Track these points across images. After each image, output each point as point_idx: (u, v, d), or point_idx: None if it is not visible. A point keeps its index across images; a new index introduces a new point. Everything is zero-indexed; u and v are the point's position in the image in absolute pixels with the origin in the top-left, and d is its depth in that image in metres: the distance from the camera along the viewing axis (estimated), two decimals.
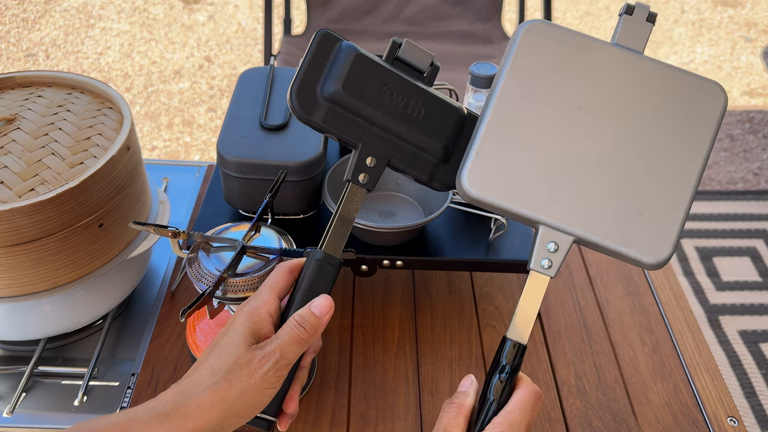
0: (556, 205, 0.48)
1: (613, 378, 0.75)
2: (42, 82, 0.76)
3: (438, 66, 0.55)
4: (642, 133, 0.49)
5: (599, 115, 0.49)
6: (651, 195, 0.49)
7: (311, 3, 1.75)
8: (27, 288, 0.65)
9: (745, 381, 1.52)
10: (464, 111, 0.55)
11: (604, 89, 0.50)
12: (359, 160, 0.53)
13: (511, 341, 0.48)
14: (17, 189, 0.62)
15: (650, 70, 0.50)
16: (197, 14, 2.95)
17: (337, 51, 0.52)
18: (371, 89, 0.52)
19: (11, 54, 2.65)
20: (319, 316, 0.47)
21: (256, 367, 0.44)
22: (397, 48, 0.54)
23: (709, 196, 2.01)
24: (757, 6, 3.10)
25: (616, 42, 0.51)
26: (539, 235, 0.48)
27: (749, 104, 2.47)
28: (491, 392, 0.47)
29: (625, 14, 0.51)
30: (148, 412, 0.43)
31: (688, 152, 0.49)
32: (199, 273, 0.60)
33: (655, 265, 0.48)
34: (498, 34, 1.75)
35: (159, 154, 2.18)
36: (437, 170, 0.54)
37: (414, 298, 0.83)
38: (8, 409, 0.68)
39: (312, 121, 0.52)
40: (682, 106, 0.50)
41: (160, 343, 0.75)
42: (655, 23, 0.50)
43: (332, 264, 0.51)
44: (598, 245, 0.48)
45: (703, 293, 1.72)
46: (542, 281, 0.48)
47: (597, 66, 0.50)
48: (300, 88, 0.51)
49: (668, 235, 0.48)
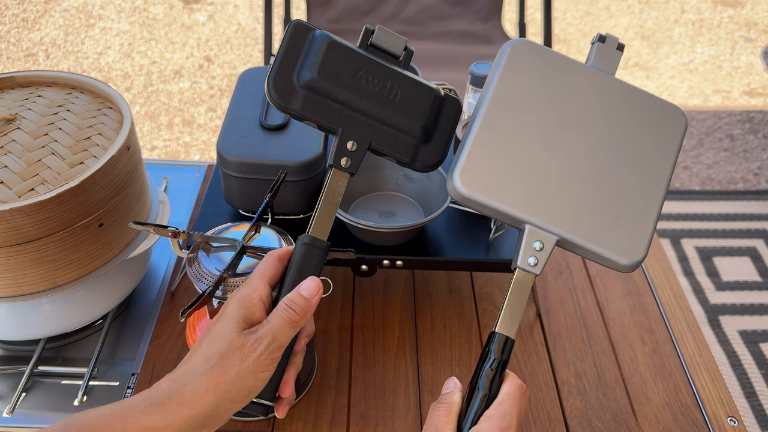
0: (541, 206, 0.52)
1: (613, 378, 0.75)
2: (42, 81, 0.76)
3: (412, 50, 0.56)
4: (616, 145, 0.54)
5: (578, 127, 0.54)
6: (625, 202, 0.53)
7: (311, 3, 1.75)
8: (27, 288, 0.65)
9: (745, 381, 1.52)
10: (441, 92, 0.56)
11: (580, 105, 0.55)
12: (340, 144, 0.53)
13: (499, 335, 0.49)
14: (17, 189, 0.62)
15: (621, 91, 0.55)
16: (197, 14, 2.95)
17: (311, 39, 0.53)
18: (347, 74, 0.53)
19: (11, 54, 2.65)
20: (308, 298, 0.48)
21: (248, 351, 0.44)
22: (370, 34, 0.55)
23: (709, 196, 2.01)
24: (757, 6, 3.10)
25: (591, 65, 0.56)
26: (526, 234, 0.51)
27: (749, 104, 2.47)
28: (480, 386, 0.48)
29: (599, 42, 0.57)
30: (144, 401, 0.43)
31: (656, 165, 0.54)
32: (199, 273, 0.60)
33: (630, 266, 0.52)
34: (498, 34, 1.75)
35: (159, 154, 2.18)
36: (418, 151, 0.55)
37: (414, 298, 0.83)
38: (8, 409, 0.68)
39: (291, 109, 0.53)
40: (650, 125, 0.55)
41: (160, 343, 0.75)
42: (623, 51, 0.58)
43: (319, 247, 0.52)
44: (579, 246, 0.52)
45: (703, 293, 1.72)
46: (528, 279, 0.51)
47: (574, 83, 0.55)
48: (277, 77, 0.52)
49: (642, 239, 0.52)
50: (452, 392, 0.48)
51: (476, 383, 0.48)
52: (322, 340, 0.77)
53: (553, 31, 1.73)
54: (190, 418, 0.43)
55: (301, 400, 0.70)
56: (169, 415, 0.42)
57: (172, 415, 0.42)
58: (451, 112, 0.56)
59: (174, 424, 0.42)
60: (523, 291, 0.51)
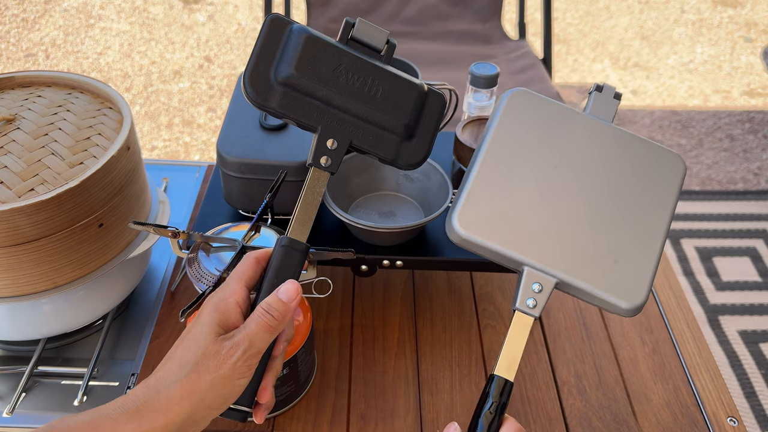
0: (540, 248, 0.52)
1: (613, 378, 0.75)
2: (42, 82, 0.76)
3: (394, 44, 0.54)
4: (615, 191, 0.55)
5: (575, 173, 0.55)
6: (626, 246, 0.53)
7: (311, 3, 1.75)
8: (27, 288, 0.65)
9: (745, 381, 1.52)
10: (424, 87, 0.55)
11: (578, 151, 0.56)
12: (319, 143, 0.52)
13: (498, 378, 0.49)
14: (17, 189, 0.62)
15: (619, 138, 0.56)
16: (197, 14, 2.95)
17: (288, 34, 0.52)
18: (325, 70, 0.52)
19: (11, 54, 2.65)
20: (287, 302, 0.47)
21: (224, 358, 0.43)
22: (350, 28, 0.53)
23: (709, 196, 2.01)
24: (757, 6, 3.10)
25: (589, 113, 0.57)
26: (524, 276, 0.51)
27: (749, 104, 2.47)
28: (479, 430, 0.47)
29: (596, 92, 0.58)
30: (118, 409, 0.42)
31: (655, 210, 0.55)
32: (198, 273, 0.60)
33: (631, 310, 0.52)
34: (498, 34, 1.75)
35: (159, 154, 2.18)
36: (401, 149, 0.54)
37: (414, 298, 0.83)
38: (8, 409, 0.68)
39: (268, 106, 0.51)
40: (648, 170, 0.56)
41: (160, 343, 0.75)
42: (621, 101, 0.59)
43: (298, 249, 0.50)
44: (579, 289, 0.52)
45: (703, 293, 1.72)
46: (527, 321, 0.51)
47: (572, 130, 0.56)
48: (253, 73, 0.51)
49: (642, 282, 0.52)
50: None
51: (475, 427, 0.48)
52: (322, 340, 0.77)
53: (553, 31, 1.73)
54: (165, 426, 0.42)
55: (300, 400, 0.70)
56: (144, 423, 0.42)
57: (147, 423, 0.42)
58: (435, 107, 0.55)
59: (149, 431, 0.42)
60: (522, 333, 0.50)
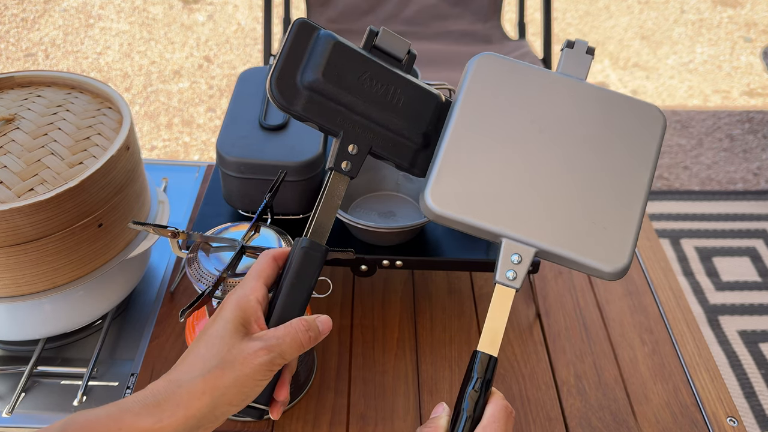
0: (516, 218, 0.51)
1: (613, 378, 0.75)
2: (41, 81, 0.76)
3: (415, 54, 0.55)
4: (592, 151, 0.53)
5: (549, 134, 0.53)
6: (605, 207, 0.51)
7: (311, 3, 1.75)
8: (26, 288, 0.65)
9: (744, 381, 1.52)
10: (442, 98, 0.56)
11: (552, 112, 0.54)
12: (341, 147, 0.53)
13: (482, 354, 0.48)
14: (16, 189, 0.62)
15: (593, 95, 0.54)
16: (197, 14, 2.95)
17: (315, 39, 0.52)
18: (351, 77, 0.52)
19: (10, 54, 2.65)
20: (321, 332, 0.49)
21: (251, 357, 0.44)
22: (374, 36, 0.54)
23: (709, 196, 2.01)
24: (757, 6, 3.10)
25: (561, 71, 0.55)
26: (503, 247, 0.50)
27: (749, 104, 2.47)
28: (465, 406, 0.47)
29: (567, 48, 0.56)
30: (139, 402, 0.43)
31: (635, 167, 0.52)
32: (198, 273, 0.60)
33: (614, 274, 0.50)
34: (498, 34, 1.75)
35: (158, 154, 2.18)
36: (417, 157, 0.55)
37: (414, 298, 0.83)
38: (7, 409, 0.68)
39: (293, 110, 0.52)
40: (626, 126, 0.54)
41: (160, 343, 0.75)
42: (594, 56, 0.57)
43: (318, 251, 0.51)
44: (559, 256, 0.50)
45: (703, 293, 1.72)
46: (508, 294, 0.50)
47: (544, 91, 0.54)
48: (280, 77, 0.51)
49: (624, 244, 0.50)
50: (439, 416, 0.48)
51: (460, 405, 0.47)
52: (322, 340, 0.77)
53: (553, 31, 1.73)
54: (185, 419, 0.43)
55: (300, 400, 0.70)
56: (165, 417, 0.42)
57: (168, 417, 0.42)
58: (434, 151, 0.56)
59: (170, 425, 0.42)
60: (504, 307, 0.49)
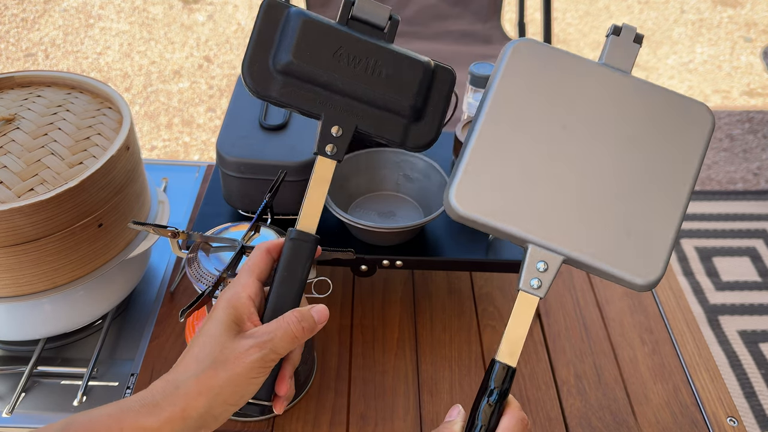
0: (545, 223, 0.47)
1: (613, 378, 0.75)
2: (41, 82, 0.76)
3: (398, 19, 0.52)
4: (630, 153, 0.49)
5: (587, 135, 0.49)
6: (641, 215, 0.48)
7: (310, 3, 1.75)
8: (26, 288, 0.65)
9: (744, 381, 1.52)
10: (431, 63, 0.53)
11: (592, 108, 0.49)
12: (324, 130, 0.50)
13: (500, 364, 0.46)
14: (16, 189, 0.62)
15: (638, 90, 0.50)
16: (197, 14, 2.95)
17: (285, 19, 0.50)
18: (325, 54, 0.50)
19: (10, 54, 2.65)
20: (317, 321, 0.47)
21: (242, 356, 0.44)
22: (350, 6, 0.51)
23: (708, 196, 2.01)
24: (757, 6, 3.10)
25: (604, 62, 0.51)
26: (528, 254, 0.47)
27: (749, 104, 2.47)
28: (479, 417, 0.46)
29: (613, 35, 0.50)
30: (139, 402, 0.43)
31: (676, 172, 0.49)
32: (198, 273, 0.60)
33: (645, 286, 0.47)
34: (498, 34, 1.75)
35: (158, 154, 2.18)
36: (409, 131, 0.52)
37: (414, 298, 0.83)
38: (7, 409, 0.68)
39: (269, 96, 0.50)
40: (670, 126, 0.49)
41: (160, 343, 0.75)
42: (642, 44, 0.51)
43: (308, 241, 0.49)
44: (588, 265, 0.48)
45: (703, 293, 1.72)
46: (531, 302, 0.47)
47: (584, 85, 0.50)
48: (251, 62, 0.49)
49: (658, 256, 0.47)
50: (454, 421, 0.47)
51: (476, 414, 0.46)
52: (322, 340, 0.77)
53: (553, 31, 1.73)
54: (183, 420, 0.43)
55: (300, 400, 0.70)
56: (164, 417, 0.42)
57: (167, 417, 0.42)
58: (443, 84, 0.53)
59: (168, 425, 0.42)
60: (526, 315, 0.47)
